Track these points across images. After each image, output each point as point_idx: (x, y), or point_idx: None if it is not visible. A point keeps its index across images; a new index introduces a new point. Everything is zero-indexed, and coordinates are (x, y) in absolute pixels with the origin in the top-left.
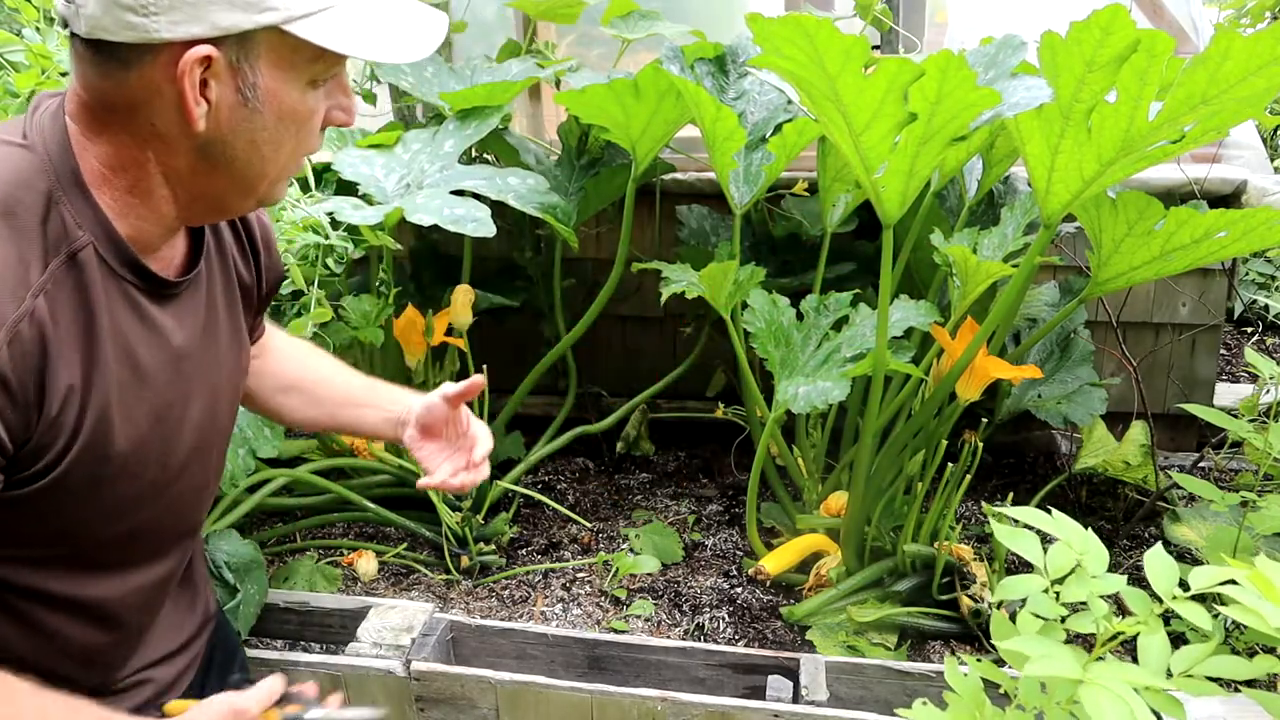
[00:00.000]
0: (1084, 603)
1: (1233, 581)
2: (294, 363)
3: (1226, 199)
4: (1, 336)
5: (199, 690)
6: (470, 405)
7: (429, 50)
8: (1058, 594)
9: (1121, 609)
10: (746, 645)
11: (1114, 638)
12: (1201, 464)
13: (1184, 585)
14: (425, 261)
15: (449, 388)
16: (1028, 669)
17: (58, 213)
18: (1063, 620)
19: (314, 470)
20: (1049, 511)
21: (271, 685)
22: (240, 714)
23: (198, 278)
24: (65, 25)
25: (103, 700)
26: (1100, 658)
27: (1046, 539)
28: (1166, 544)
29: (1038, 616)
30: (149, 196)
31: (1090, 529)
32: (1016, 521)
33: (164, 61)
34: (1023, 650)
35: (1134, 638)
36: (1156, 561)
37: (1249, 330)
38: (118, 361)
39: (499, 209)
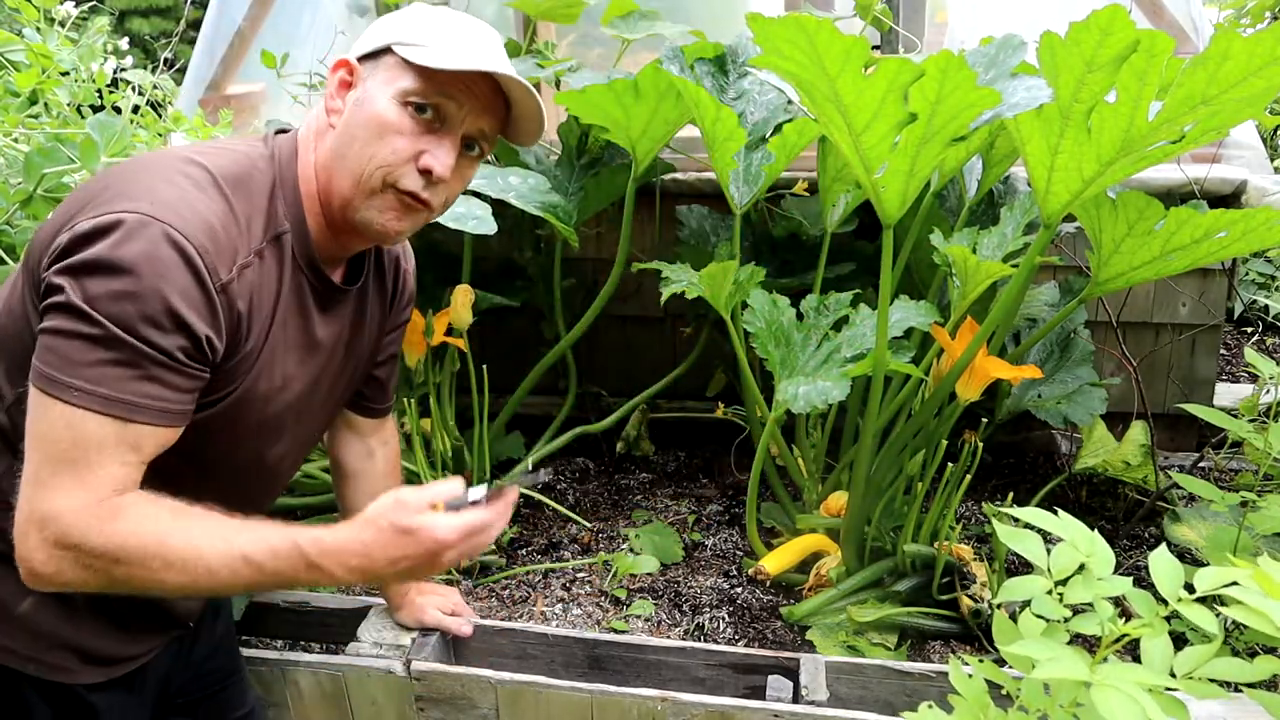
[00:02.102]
0: (1086, 604)
1: (1238, 583)
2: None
3: (1226, 199)
4: (236, 267)
5: (193, 636)
6: (471, 404)
7: (488, 64)
8: (1061, 595)
9: (1124, 610)
10: (746, 645)
11: (1119, 639)
12: (1201, 464)
13: (1189, 587)
14: (425, 261)
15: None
16: (1036, 671)
17: (274, 201)
18: (1065, 621)
19: (314, 470)
20: (1055, 512)
21: (450, 489)
22: (403, 503)
23: (346, 300)
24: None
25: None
26: (1104, 659)
27: (1049, 539)
28: (1168, 544)
29: (1041, 618)
30: (311, 197)
31: (1091, 529)
32: (1017, 521)
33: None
34: (1029, 653)
35: (1135, 639)
36: (1162, 563)
37: (1249, 330)
38: (280, 326)
39: (498, 208)
